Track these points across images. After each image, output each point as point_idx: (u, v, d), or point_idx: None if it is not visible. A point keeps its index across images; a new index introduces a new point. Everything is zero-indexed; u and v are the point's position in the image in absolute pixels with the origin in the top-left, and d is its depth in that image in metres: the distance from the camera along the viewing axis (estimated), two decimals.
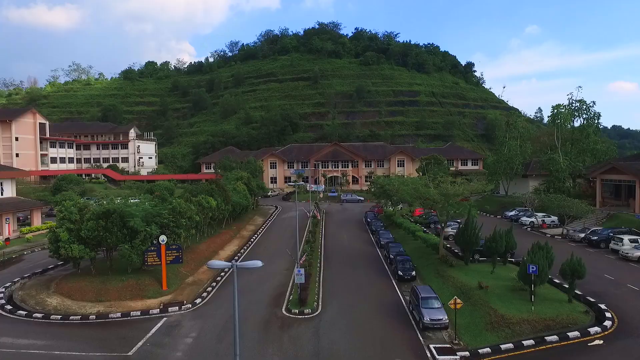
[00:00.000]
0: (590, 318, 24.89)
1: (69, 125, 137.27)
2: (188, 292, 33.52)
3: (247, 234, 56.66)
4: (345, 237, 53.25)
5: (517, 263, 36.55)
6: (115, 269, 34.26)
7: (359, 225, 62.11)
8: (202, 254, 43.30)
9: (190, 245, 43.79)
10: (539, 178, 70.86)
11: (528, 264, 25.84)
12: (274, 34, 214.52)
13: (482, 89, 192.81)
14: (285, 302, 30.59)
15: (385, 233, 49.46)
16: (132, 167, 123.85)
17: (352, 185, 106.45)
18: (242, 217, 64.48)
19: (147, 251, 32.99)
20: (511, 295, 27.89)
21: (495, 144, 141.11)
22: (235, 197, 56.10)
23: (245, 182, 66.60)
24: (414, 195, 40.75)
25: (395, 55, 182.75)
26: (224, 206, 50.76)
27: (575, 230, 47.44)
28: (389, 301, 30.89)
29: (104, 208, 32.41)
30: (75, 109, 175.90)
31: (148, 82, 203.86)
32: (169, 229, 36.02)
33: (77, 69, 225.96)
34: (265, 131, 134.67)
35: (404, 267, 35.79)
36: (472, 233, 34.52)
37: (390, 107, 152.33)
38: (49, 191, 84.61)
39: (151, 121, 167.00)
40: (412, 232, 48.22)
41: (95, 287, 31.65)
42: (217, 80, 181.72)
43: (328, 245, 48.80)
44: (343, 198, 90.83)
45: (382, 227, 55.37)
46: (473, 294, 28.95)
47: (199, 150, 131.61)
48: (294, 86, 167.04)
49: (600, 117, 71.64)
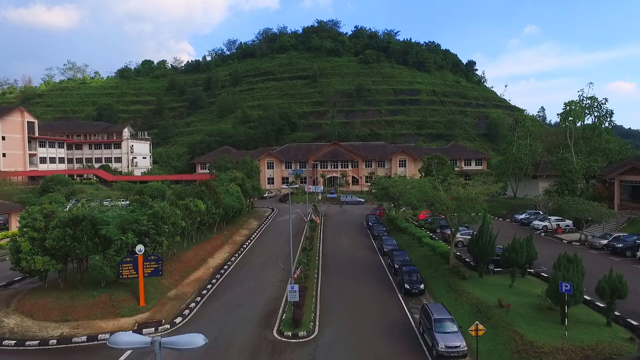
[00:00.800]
0: (637, 347, 21.07)
1: (61, 125, 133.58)
2: (169, 308, 29.76)
3: (240, 239, 52.84)
4: (345, 243, 49.47)
5: (536, 274, 32.92)
6: (87, 282, 30.48)
7: (359, 230, 58.34)
8: (189, 263, 39.57)
9: (176, 254, 40.09)
10: (549, 179, 67.15)
11: (560, 282, 22.03)
12: (272, 32, 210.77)
13: (483, 87, 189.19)
14: (278, 322, 26.83)
15: (389, 239, 45.70)
16: (126, 167, 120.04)
17: (351, 186, 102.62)
18: (236, 221, 60.80)
19: (122, 262, 29.21)
20: (538, 316, 24.15)
21: (499, 143, 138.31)
22: (228, 200, 52.34)
23: (239, 183, 62.81)
24: (422, 199, 36.89)
25: (396, 54, 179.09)
26: (214, 210, 47.00)
27: (595, 236, 43.67)
28: (395, 321, 27.15)
29: (72, 214, 28.60)
30: (70, 108, 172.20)
31: (144, 80, 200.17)
32: (149, 237, 32.26)
33: (73, 68, 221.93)
34: (262, 130, 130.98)
35: (411, 279, 32.06)
36: (488, 242, 30.80)
37: (391, 106, 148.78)
38: (36, 192, 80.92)
39: (147, 120, 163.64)
40: (418, 238, 44.47)
41: (62, 304, 27.86)
42: (215, 79, 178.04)
43: (327, 253, 45.02)
44: (343, 199, 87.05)
45: (385, 231, 51.66)
46: (493, 314, 25.21)
47: (195, 150, 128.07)
48: (292, 85, 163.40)
49: (613, 114, 67.97)
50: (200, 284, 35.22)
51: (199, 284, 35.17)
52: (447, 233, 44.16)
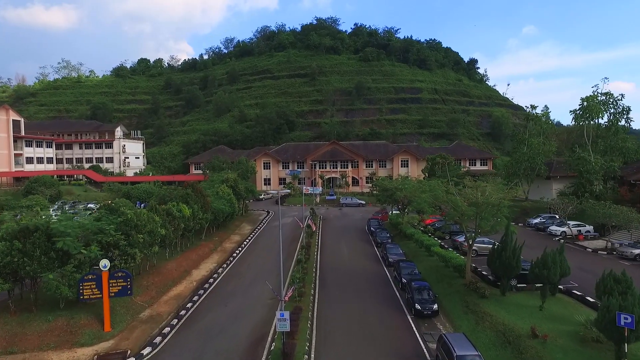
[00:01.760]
0: None
1: (51, 124, 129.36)
2: (138, 334, 25.31)
3: (230, 246, 48.27)
4: (345, 252, 44.92)
5: (567, 292, 28.51)
6: (43, 304, 26.01)
7: (361, 236, 53.83)
8: (170, 276, 35.11)
9: (156, 265, 35.65)
10: (564, 180, 62.70)
11: (618, 313, 17.53)
12: (271, 30, 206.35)
13: (485, 86, 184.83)
14: (265, 354, 22.39)
15: (394, 247, 41.25)
16: (118, 167, 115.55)
17: (351, 187, 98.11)
18: (228, 225, 56.34)
19: (83, 281, 24.78)
20: (583, 351, 19.74)
21: (503, 142, 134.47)
22: (217, 204, 47.86)
23: (231, 184, 58.37)
24: (434, 204, 32.34)
25: (396, 51, 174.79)
26: (201, 214, 42.53)
27: (624, 244, 39.25)
28: (406, 351, 22.72)
29: (22, 224, 24.18)
30: (63, 107, 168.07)
31: (140, 79, 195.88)
32: (119, 249, 27.86)
33: (67, 66, 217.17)
34: (259, 130, 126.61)
35: (422, 298, 27.64)
36: (512, 255, 26.39)
37: (391, 104, 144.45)
38: (19, 195, 76.50)
39: (142, 120, 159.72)
40: (427, 247, 40.00)
41: (9, 332, 23.43)
42: (211, 77, 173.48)
43: (325, 264, 40.36)
44: (342, 202, 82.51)
45: (389, 238, 47.21)
46: (525, 346, 20.78)
47: (190, 150, 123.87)
48: (290, 83, 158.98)
49: (630, 111, 63.49)
50: (179, 302, 30.76)
51: (178, 302, 30.70)
52: (460, 241, 39.79)
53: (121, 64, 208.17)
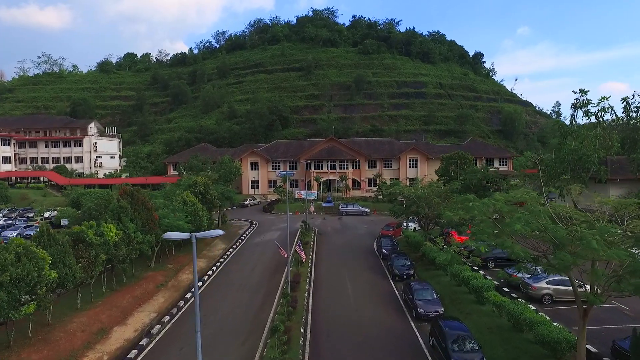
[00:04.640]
0: None
1: (16, 120, 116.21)
2: None
3: (188, 277, 34.82)
4: (350, 293, 30.97)
5: None
6: None
7: (369, 261, 40.28)
8: (66, 345, 21.94)
9: (51, 324, 22.58)
10: (625, 184, 49.93)
11: None
12: (264, 23, 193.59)
13: (492, 81, 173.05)
14: None
15: (423, 289, 27.27)
16: (88, 168, 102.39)
17: (352, 191, 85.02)
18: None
19: None
20: None
21: (516, 140, 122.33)
22: (170, 219, 34.62)
23: (201, 190, 45.22)
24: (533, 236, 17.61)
25: (398, 44, 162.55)
26: (140, 237, 29.39)
27: None
28: None
29: None
30: (42, 104, 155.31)
31: (126, 74, 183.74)
32: None
33: (48, 61, 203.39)
34: (249, 126, 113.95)
35: None
36: None
37: (394, 99, 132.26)
38: None
39: (126, 117, 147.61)
40: (475, 290, 26.81)
41: None
42: (200, 72, 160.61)
43: (320, 317, 26.78)
44: (342, 209, 69.39)
45: (411, 267, 34.00)
46: None
47: (173, 148, 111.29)
48: (284, 77, 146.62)
49: None
50: None
51: None
52: (536, 287, 27.05)
53: (106, 59, 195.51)
